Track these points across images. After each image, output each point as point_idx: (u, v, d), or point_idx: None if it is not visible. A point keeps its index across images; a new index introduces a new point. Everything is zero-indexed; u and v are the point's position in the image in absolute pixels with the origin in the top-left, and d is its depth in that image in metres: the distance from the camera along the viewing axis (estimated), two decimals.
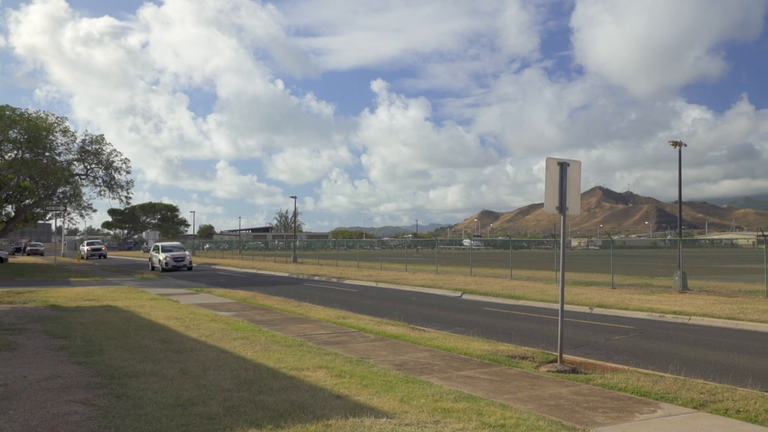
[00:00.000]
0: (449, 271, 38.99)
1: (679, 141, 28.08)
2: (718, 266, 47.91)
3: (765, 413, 7.43)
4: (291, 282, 33.43)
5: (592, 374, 9.76)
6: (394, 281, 31.57)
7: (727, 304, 19.22)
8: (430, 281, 30.63)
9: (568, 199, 10.66)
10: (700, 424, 7.09)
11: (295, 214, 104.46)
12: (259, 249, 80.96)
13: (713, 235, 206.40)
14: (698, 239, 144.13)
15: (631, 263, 50.14)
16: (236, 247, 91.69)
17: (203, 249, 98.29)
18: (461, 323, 16.64)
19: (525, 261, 51.61)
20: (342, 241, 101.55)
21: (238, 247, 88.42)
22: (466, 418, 6.94)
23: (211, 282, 32.69)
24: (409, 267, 42.06)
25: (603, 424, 6.95)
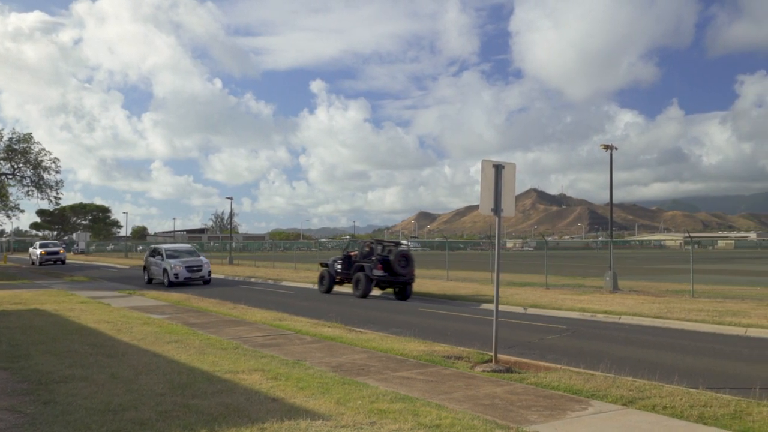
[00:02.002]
0: None
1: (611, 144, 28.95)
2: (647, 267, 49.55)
3: (690, 409, 7.72)
4: (227, 284, 32.94)
5: (526, 373, 9.96)
6: None
7: (655, 304, 19.92)
8: None
9: (503, 201, 10.84)
10: (629, 420, 7.32)
11: (231, 215, 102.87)
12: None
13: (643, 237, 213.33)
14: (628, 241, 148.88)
15: (565, 264, 51.37)
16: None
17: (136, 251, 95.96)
18: (398, 324, 16.73)
19: (461, 262, 52.25)
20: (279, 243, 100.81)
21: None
22: (402, 419, 6.98)
23: (144, 284, 31.93)
24: None
25: (536, 422, 7.11)
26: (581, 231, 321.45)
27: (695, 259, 26.35)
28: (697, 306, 19.22)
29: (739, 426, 7.07)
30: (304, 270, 41.91)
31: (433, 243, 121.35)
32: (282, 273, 39.67)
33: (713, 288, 25.19)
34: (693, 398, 8.22)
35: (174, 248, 33.23)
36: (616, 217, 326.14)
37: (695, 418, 7.37)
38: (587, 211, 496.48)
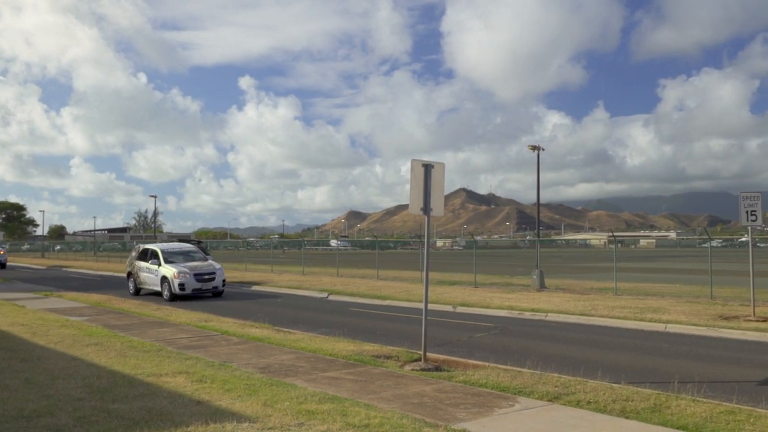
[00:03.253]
0: (316, 272, 39.02)
1: (538, 145, 29.67)
2: (572, 265, 50.97)
3: (613, 403, 7.98)
4: None
5: (455, 371, 10.09)
6: (259, 282, 31.21)
7: (581, 301, 20.51)
8: (296, 282, 30.50)
9: (433, 201, 10.94)
10: (554, 415, 7.51)
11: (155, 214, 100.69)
12: (116, 250, 77.32)
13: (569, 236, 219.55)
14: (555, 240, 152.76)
15: (493, 263, 52.31)
16: (91, 248, 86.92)
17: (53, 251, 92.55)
18: (328, 324, 16.69)
19: (392, 261, 52.54)
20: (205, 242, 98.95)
21: (93, 249, 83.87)
22: (330, 419, 6.96)
23: (62, 285, 30.80)
24: (275, 268, 41.68)
25: (464, 419, 7.21)
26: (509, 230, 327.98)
27: (618, 258, 27.29)
28: (620, 303, 19.89)
29: (659, 419, 7.34)
30: (231, 270, 41.30)
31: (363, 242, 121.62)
32: None
33: (635, 286, 26.11)
34: (616, 393, 8.50)
35: (173, 249, 26.47)
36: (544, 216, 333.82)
37: (618, 412, 7.61)
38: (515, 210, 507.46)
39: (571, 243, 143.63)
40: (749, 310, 16.67)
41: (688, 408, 7.72)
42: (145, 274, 25.34)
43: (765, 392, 9.06)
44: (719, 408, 7.74)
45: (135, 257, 26.62)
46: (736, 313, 16.92)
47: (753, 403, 8.31)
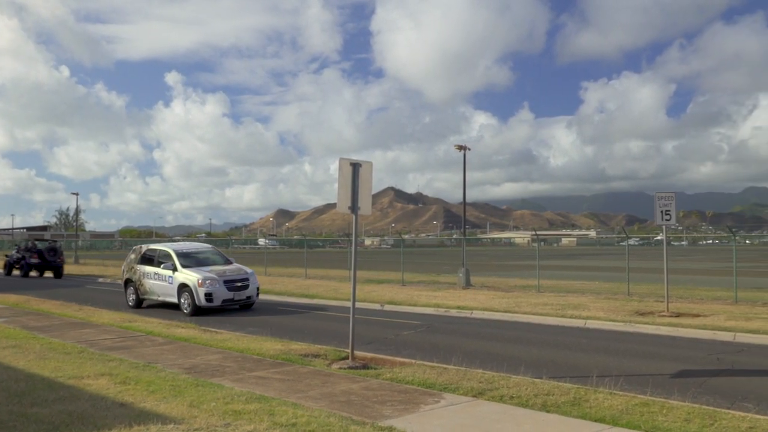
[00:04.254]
0: None
1: (464, 145, 30.14)
2: (498, 263, 51.96)
3: (534, 397, 8.19)
4: (71, 284, 31.08)
5: (382, 369, 10.15)
6: None
7: (505, 299, 20.95)
8: None
9: (360, 199, 10.97)
10: (478, 411, 7.66)
11: (78, 212, 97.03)
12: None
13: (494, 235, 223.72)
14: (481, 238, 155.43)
15: (421, 261, 52.80)
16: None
17: None
18: (255, 324, 16.52)
19: (320, 260, 52.38)
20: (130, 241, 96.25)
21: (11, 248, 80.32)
22: (257, 419, 6.91)
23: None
24: None
25: (391, 416, 7.27)
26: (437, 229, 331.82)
27: (541, 256, 28.01)
28: (543, 300, 20.42)
29: (578, 412, 7.58)
30: None
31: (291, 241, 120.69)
32: None
33: (557, 283, 26.84)
34: (537, 387, 8.73)
35: (189, 249, 21.30)
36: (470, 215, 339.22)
37: (539, 407, 7.82)
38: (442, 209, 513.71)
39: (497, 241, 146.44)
40: (663, 306, 17.38)
41: (605, 401, 8.00)
42: (153, 281, 20.14)
43: (677, 384, 9.48)
44: (634, 400, 8.05)
45: (136, 260, 21.34)
46: (651, 309, 17.62)
47: (666, 395, 8.68)
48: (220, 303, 18.80)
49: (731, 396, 8.86)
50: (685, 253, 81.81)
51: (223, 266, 20.17)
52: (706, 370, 10.68)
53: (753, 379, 9.96)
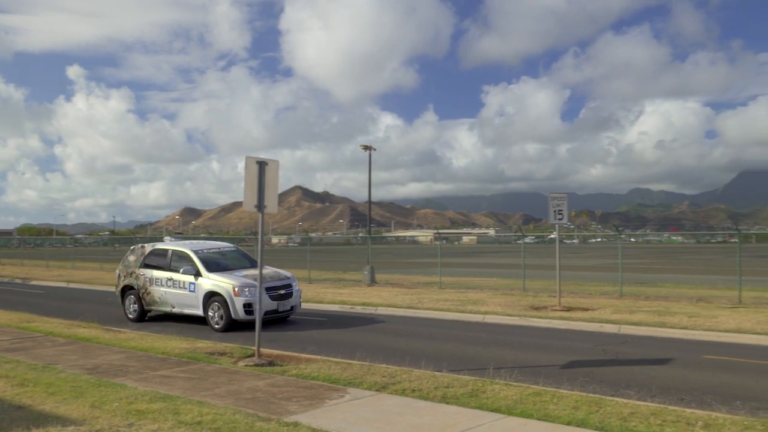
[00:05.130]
0: None
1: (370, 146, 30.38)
2: (402, 261, 52.59)
3: (435, 390, 8.38)
4: None
5: (288, 366, 10.12)
6: (88, 281, 29.38)
7: (408, 295, 21.25)
8: None
9: (267, 198, 10.88)
10: (382, 404, 7.77)
11: None
12: None
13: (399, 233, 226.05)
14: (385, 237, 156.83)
15: (327, 259, 52.75)
16: None
17: None
18: (160, 323, 16.08)
19: None
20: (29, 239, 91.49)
21: None
22: (161, 418, 6.75)
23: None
24: (105, 266, 39.35)
25: (296, 412, 7.27)
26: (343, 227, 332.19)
27: (443, 254, 28.55)
28: (444, 296, 20.84)
29: (476, 403, 7.81)
30: (57, 268, 38.57)
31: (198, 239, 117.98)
32: (31, 271, 36.15)
33: (458, 280, 27.45)
34: (438, 380, 8.93)
35: (209, 248, 17.20)
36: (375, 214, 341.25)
37: (439, 399, 8.01)
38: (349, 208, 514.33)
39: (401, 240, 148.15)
40: (556, 301, 18.09)
41: (501, 392, 8.28)
42: (166, 289, 16.37)
43: (567, 374, 9.93)
44: (528, 390, 8.38)
45: (138, 263, 17.26)
46: (545, 304, 18.31)
47: (557, 384, 9.08)
48: (262, 315, 13.71)
49: (615, 384, 9.36)
50: (576, 250, 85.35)
51: (256, 270, 15.09)
52: (594, 360, 11.21)
53: (635, 368, 10.54)
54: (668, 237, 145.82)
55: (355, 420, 7.07)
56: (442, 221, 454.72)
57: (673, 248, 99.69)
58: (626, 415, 7.22)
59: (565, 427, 6.88)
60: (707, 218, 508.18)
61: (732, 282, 20.50)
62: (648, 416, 7.16)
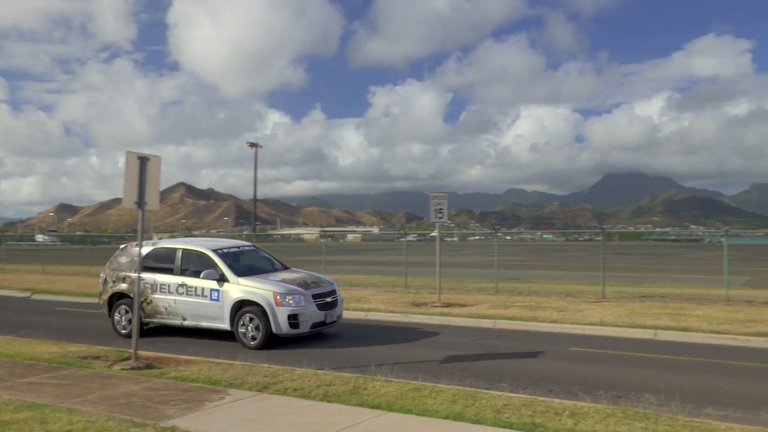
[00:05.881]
0: (19, 269, 34.91)
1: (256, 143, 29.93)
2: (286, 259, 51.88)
3: (317, 389, 8.32)
4: None
5: (167, 368, 9.73)
6: None
7: None
8: None
9: (148, 194, 10.42)
10: (263, 405, 7.61)
11: None
12: None
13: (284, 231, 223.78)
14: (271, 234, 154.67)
15: None
16: None
17: None
18: (29, 326, 15.06)
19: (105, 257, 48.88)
20: None
21: None
22: (27, 428, 6.31)
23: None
24: None
25: (174, 416, 6.99)
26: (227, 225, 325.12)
27: (328, 251, 28.53)
28: None
29: (357, 400, 7.82)
30: None
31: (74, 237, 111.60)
32: None
33: (342, 277, 27.43)
34: (320, 379, 8.88)
35: (230, 247, 14.15)
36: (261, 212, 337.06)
37: (321, 397, 7.96)
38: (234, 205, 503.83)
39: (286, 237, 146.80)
40: (436, 298, 18.47)
41: (382, 388, 8.34)
42: (176, 297, 13.25)
43: (445, 369, 10.15)
44: (408, 386, 8.48)
45: (134, 266, 13.13)
46: (425, 301, 18.65)
47: (435, 379, 9.25)
48: (308, 329, 12.58)
49: (490, 377, 9.66)
50: (456, 248, 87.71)
51: (292, 273, 13.99)
52: (470, 355, 11.53)
53: (508, 362, 10.92)
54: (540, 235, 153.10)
55: (235, 422, 6.89)
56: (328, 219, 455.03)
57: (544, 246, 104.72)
58: (500, 407, 7.46)
59: (442, 421, 7.01)
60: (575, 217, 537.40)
61: (597, 278, 21.70)
62: (520, 407, 7.43)
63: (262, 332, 12.24)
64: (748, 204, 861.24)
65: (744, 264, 39.30)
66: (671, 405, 7.75)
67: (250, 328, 12.38)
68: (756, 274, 31.81)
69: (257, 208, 32.14)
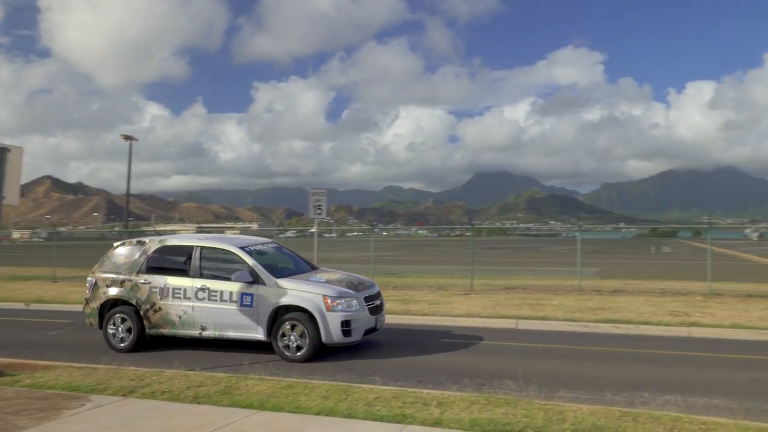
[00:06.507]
0: None
1: (131, 135, 28.54)
2: None
3: (186, 390, 7.97)
4: None
5: (21, 375, 8.98)
6: None
7: None
8: None
9: (7, 188, 9.55)
10: (127, 410, 7.19)
11: None
12: None
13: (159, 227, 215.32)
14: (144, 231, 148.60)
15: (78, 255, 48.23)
16: None
17: None
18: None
19: None
20: None
21: None
22: None
23: None
24: None
25: (26, 427, 6.44)
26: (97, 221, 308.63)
27: None
28: None
29: (229, 400, 7.56)
30: None
31: None
32: None
33: None
34: (190, 380, 8.51)
35: (252, 244, 12.12)
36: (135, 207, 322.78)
37: (191, 399, 7.62)
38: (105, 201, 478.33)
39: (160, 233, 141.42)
40: None
41: (255, 387, 8.11)
42: (192, 303, 11.22)
43: (319, 366, 10.09)
44: (281, 384, 8.31)
45: (137, 267, 11.77)
46: None
47: (309, 376, 9.15)
48: (360, 336, 10.97)
49: (363, 371, 9.68)
50: (334, 243, 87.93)
51: (331, 273, 12.28)
52: (344, 350, 11.46)
53: (381, 355, 10.98)
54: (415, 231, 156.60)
55: (95, 429, 6.46)
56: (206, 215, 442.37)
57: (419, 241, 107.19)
58: (371, 400, 7.46)
59: (314, 417, 6.92)
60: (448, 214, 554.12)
61: (466, 271, 22.38)
62: (390, 399, 7.47)
63: (309, 342, 10.52)
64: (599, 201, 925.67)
65: (595, 256, 42.01)
66: (529, 390, 8.10)
67: (294, 338, 10.60)
68: (605, 265, 34.02)
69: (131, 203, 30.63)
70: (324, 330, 10.49)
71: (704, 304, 16.21)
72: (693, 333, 12.80)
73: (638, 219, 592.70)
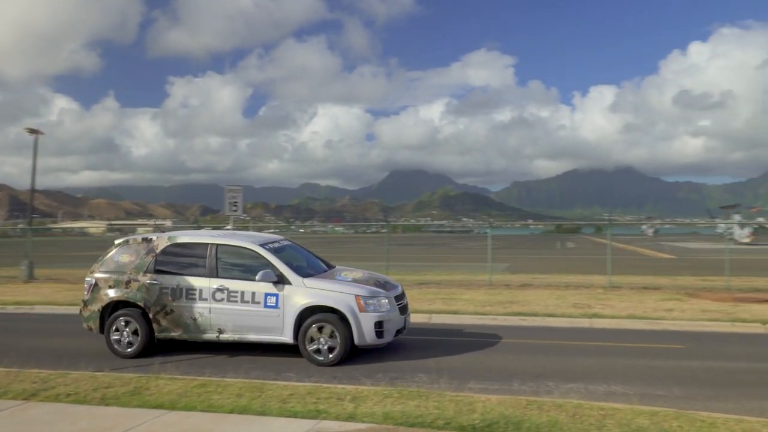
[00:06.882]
0: None
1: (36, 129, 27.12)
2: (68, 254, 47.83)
3: (93, 392, 7.66)
4: None
5: None
6: None
7: (72, 291, 19.27)
8: None
9: None
10: (28, 414, 6.83)
11: None
12: None
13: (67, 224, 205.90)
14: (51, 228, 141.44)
15: None
16: None
17: None
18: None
19: None
20: None
21: None
22: None
23: None
24: None
25: None
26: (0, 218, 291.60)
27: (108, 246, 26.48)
28: None
29: (138, 401, 7.31)
30: None
31: None
32: None
33: None
34: (98, 381, 8.19)
35: (270, 241, 11.20)
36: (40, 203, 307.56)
37: (98, 401, 7.34)
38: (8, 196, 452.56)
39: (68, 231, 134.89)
40: None
41: (166, 386, 7.89)
42: (209, 305, 10.36)
43: (233, 363, 9.89)
44: (194, 383, 8.11)
45: (144, 267, 10.86)
46: None
47: (222, 374, 8.99)
48: (392, 337, 10.42)
49: (278, 369, 9.58)
50: None
51: (354, 272, 11.49)
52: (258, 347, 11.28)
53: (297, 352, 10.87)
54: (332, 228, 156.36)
55: None
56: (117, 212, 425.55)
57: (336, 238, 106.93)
58: (286, 396, 7.40)
59: (227, 415, 6.80)
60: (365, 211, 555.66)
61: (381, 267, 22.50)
62: (305, 395, 7.44)
63: (341, 344, 9.88)
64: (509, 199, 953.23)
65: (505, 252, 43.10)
66: (440, 382, 8.24)
67: (324, 341, 9.94)
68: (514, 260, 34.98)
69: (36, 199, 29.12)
70: (357, 331, 9.95)
71: (605, 296, 16.96)
72: (594, 324, 13.38)
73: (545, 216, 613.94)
